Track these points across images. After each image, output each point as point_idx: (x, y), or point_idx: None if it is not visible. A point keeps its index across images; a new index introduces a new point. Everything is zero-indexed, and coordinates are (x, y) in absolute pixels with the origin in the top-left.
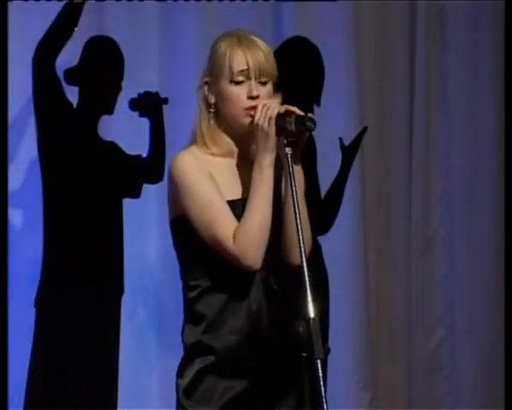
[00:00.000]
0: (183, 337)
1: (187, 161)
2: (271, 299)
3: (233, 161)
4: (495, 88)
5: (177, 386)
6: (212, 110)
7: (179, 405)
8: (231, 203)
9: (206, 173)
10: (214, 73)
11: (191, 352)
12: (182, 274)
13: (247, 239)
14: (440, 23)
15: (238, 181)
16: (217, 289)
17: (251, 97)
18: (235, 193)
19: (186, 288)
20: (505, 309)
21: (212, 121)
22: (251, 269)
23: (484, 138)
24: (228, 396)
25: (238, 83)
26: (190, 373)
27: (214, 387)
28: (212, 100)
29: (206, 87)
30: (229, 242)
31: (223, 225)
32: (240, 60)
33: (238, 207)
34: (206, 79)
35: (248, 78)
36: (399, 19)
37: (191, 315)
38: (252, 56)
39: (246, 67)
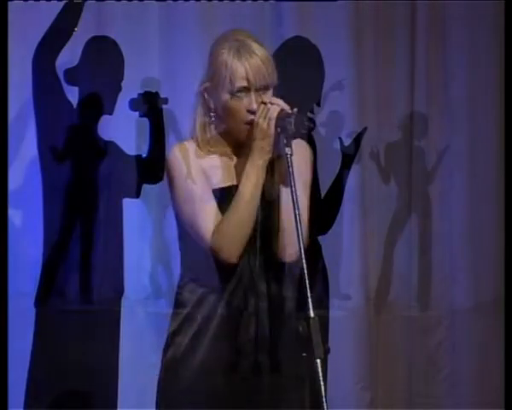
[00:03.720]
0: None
1: (176, 153)
2: (265, 298)
3: (227, 158)
4: (496, 88)
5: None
6: (212, 114)
7: None
8: (225, 190)
9: (194, 166)
10: (214, 82)
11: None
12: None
13: (221, 237)
14: (440, 23)
15: (232, 171)
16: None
17: (251, 111)
18: (229, 180)
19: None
20: (505, 309)
21: (211, 126)
22: (227, 262)
23: (485, 137)
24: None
25: (238, 97)
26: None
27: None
28: (212, 106)
29: (205, 93)
30: (207, 236)
31: (204, 218)
32: (240, 75)
33: (232, 194)
34: (206, 85)
35: (248, 90)
36: (399, 19)
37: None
38: (252, 70)
39: (246, 84)
